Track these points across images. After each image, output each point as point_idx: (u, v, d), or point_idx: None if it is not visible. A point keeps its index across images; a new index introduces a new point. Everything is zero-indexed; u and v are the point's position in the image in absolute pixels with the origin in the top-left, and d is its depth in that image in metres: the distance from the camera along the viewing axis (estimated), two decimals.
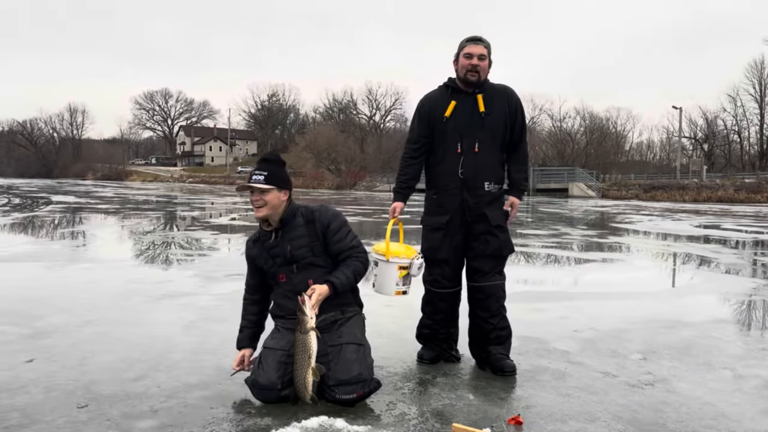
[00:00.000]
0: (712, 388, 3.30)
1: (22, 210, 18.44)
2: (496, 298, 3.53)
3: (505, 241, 3.57)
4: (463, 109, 3.48)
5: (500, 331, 3.52)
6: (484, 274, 3.51)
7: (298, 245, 3.10)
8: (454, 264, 3.57)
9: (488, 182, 3.50)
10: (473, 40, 3.48)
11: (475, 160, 3.47)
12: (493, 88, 3.55)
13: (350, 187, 52.64)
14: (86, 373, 3.35)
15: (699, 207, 28.08)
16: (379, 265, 3.49)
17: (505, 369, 3.44)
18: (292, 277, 3.12)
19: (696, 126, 68.51)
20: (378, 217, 17.61)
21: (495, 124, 3.49)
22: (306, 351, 2.86)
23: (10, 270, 7.08)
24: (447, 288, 3.59)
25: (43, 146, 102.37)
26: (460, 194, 3.48)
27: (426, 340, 3.70)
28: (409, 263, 3.46)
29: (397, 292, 3.46)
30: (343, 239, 3.15)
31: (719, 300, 6.09)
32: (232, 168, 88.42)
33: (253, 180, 3.07)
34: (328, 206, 3.25)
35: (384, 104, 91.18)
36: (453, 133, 3.49)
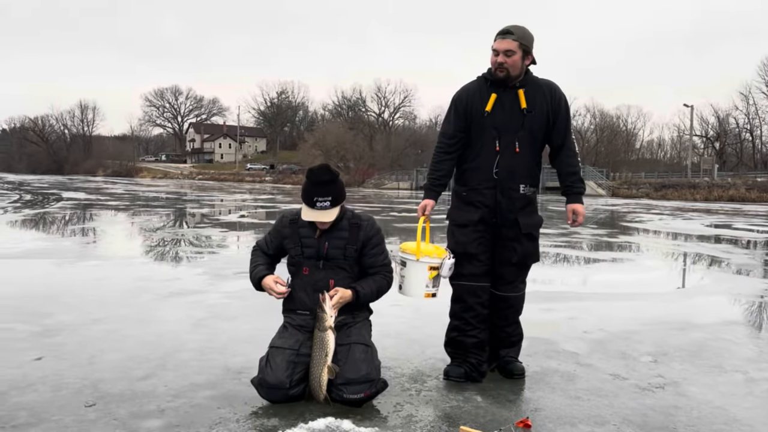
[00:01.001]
0: (723, 392, 3.26)
1: (33, 206, 18.57)
2: (516, 310, 3.44)
3: (532, 250, 3.39)
4: (503, 104, 3.24)
5: (513, 338, 3.47)
6: (507, 282, 3.38)
7: (335, 245, 3.11)
8: (485, 260, 3.35)
9: (524, 185, 3.28)
10: (501, 34, 3.21)
11: (514, 160, 3.24)
12: (536, 83, 3.30)
13: (359, 184, 52.64)
14: (94, 372, 3.35)
15: (710, 206, 27.86)
16: (408, 266, 3.30)
17: (514, 372, 3.38)
18: (316, 273, 3.12)
19: (707, 124, 68.04)
20: (386, 215, 17.60)
21: (536, 123, 3.26)
22: (323, 348, 2.88)
23: (21, 267, 7.13)
24: (477, 281, 3.36)
25: (54, 143, 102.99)
26: (494, 196, 3.27)
27: (455, 347, 3.44)
28: (440, 263, 3.29)
29: (426, 295, 3.29)
30: (378, 255, 3.19)
31: (730, 301, 6.03)
32: (241, 165, 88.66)
33: (318, 207, 2.99)
34: (375, 221, 3.29)
35: (393, 102, 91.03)
36: (491, 130, 3.24)
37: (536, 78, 3.34)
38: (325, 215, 3.02)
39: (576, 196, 3.38)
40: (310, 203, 3.02)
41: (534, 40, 3.25)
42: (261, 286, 3.15)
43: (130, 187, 39.58)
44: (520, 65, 3.21)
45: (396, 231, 12.84)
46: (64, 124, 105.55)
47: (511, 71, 3.19)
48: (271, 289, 3.09)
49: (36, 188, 33.87)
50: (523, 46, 3.18)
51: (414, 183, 51.07)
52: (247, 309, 4.88)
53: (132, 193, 31.20)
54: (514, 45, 3.16)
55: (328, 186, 3.02)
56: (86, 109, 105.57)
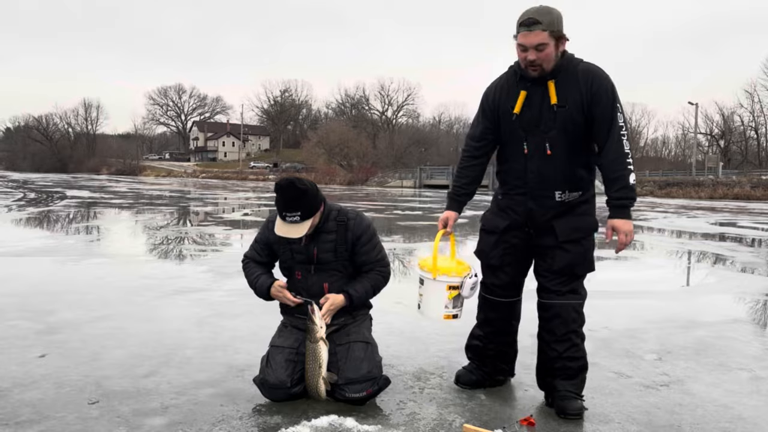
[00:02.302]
0: (728, 390, 3.24)
1: (37, 204, 18.61)
2: (563, 321, 2.88)
3: (579, 256, 2.88)
4: (531, 100, 2.82)
5: (568, 362, 2.88)
6: (551, 291, 2.91)
7: (325, 249, 3.02)
8: (510, 273, 3.03)
9: (560, 191, 2.86)
10: (526, 25, 2.70)
11: (545, 165, 2.83)
12: (570, 71, 2.78)
13: (362, 182, 52.61)
14: (98, 369, 3.35)
15: (715, 204, 27.76)
16: (425, 284, 3.04)
17: (567, 411, 2.80)
18: (308, 277, 3.06)
19: (712, 122, 67.93)
20: (390, 213, 17.58)
21: (570, 119, 2.78)
22: (316, 360, 2.85)
23: (25, 264, 7.14)
24: (499, 296, 3.07)
25: (58, 141, 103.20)
26: (525, 203, 2.92)
27: (473, 354, 3.20)
28: (460, 282, 2.97)
29: (446, 316, 3.00)
30: (370, 252, 3.08)
31: (735, 299, 6.00)
32: (244, 163, 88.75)
33: (288, 221, 2.88)
34: (363, 216, 3.14)
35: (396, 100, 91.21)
36: (518, 131, 2.87)
37: (573, 62, 2.81)
38: (295, 230, 2.88)
39: (616, 210, 2.83)
40: (281, 216, 2.91)
41: (563, 19, 2.76)
42: (270, 296, 3.07)
43: (133, 186, 39.65)
44: (555, 56, 2.75)
45: (399, 229, 12.82)
46: (68, 122, 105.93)
47: (546, 66, 2.74)
48: (285, 297, 3.01)
49: (40, 186, 33.96)
50: (554, 34, 2.70)
51: (417, 181, 51.03)
52: (249, 307, 4.87)
53: (136, 191, 31.25)
54: (544, 36, 2.68)
55: (296, 201, 2.86)
56: (90, 107, 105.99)
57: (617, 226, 2.83)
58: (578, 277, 2.94)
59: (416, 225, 14.00)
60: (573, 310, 2.90)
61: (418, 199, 29.11)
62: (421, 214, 17.34)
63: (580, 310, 2.94)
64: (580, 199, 2.92)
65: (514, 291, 3.10)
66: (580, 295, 2.94)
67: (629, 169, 2.78)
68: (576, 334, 2.91)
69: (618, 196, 2.80)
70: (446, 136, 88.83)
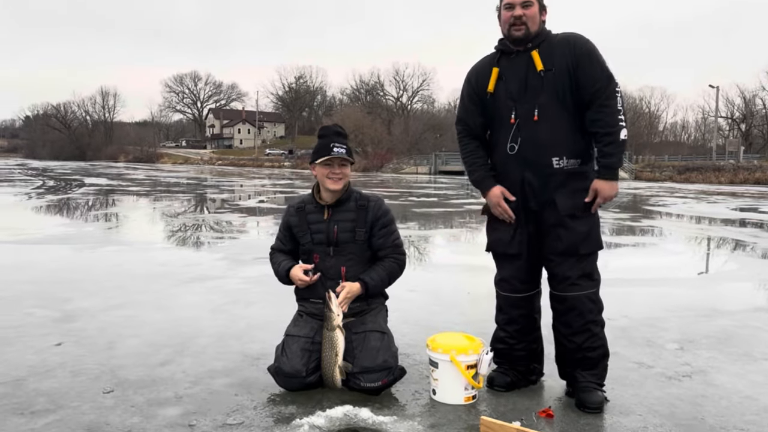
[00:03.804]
0: (753, 381, 3.16)
1: (56, 192, 18.81)
2: (579, 313, 2.80)
3: (583, 234, 2.78)
4: (514, 70, 2.81)
5: (587, 352, 2.82)
6: (562, 279, 2.81)
7: (344, 228, 3.05)
8: (528, 260, 2.91)
9: (558, 157, 2.75)
10: None
11: (537, 131, 2.75)
12: (554, 39, 2.82)
13: (377, 169, 52.53)
14: (113, 358, 3.36)
15: (735, 189, 27.33)
16: (440, 367, 2.81)
17: (587, 404, 2.72)
18: (326, 259, 3.06)
19: (733, 105, 66.65)
20: (405, 199, 17.52)
21: (559, 83, 2.74)
22: (333, 348, 2.84)
23: (43, 252, 7.19)
24: (520, 291, 2.95)
25: (76, 129, 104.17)
26: (520, 174, 2.81)
27: (501, 357, 3.03)
28: (477, 360, 2.81)
29: (467, 399, 2.79)
30: (388, 236, 3.10)
31: (758, 287, 5.88)
32: (260, 150, 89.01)
33: (335, 153, 3.00)
34: (383, 201, 3.18)
35: (411, 85, 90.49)
36: (506, 101, 2.82)
37: (552, 34, 2.86)
38: (338, 161, 3.01)
39: (603, 169, 2.75)
40: (327, 150, 3.00)
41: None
42: (289, 279, 3.09)
43: (151, 173, 39.95)
44: (538, 20, 2.80)
45: (415, 216, 12.76)
46: (86, 110, 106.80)
47: (530, 26, 2.77)
48: (298, 278, 3.02)
49: (59, 174, 34.33)
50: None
51: (433, 167, 50.83)
52: (265, 295, 4.86)
53: (153, 178, 31.48)
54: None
55: (345, 138, 3.11)
56: (107, 95, 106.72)
57: (600, 189, 2.74)
58: (586, 258, 2.81)
59: (431, 212, 13.93)
60: (588, 300, 2.81)
61: (434, 185, 28.99)
62: (436, 201, 17.24)
63: (596, 298, 2.84)
64: (581, 169, 2.80)
65: (533, 282, 2.99)
66: (593, 280, 2.84)
67: (621, 125, 2.72)
68: (594, 323, 2.82)
69: (606, 152, 2.73)
70: None
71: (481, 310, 4.25)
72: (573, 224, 2.78)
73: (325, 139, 3.08)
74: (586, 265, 2.82)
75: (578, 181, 2.78)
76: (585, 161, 2.82)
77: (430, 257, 7.73)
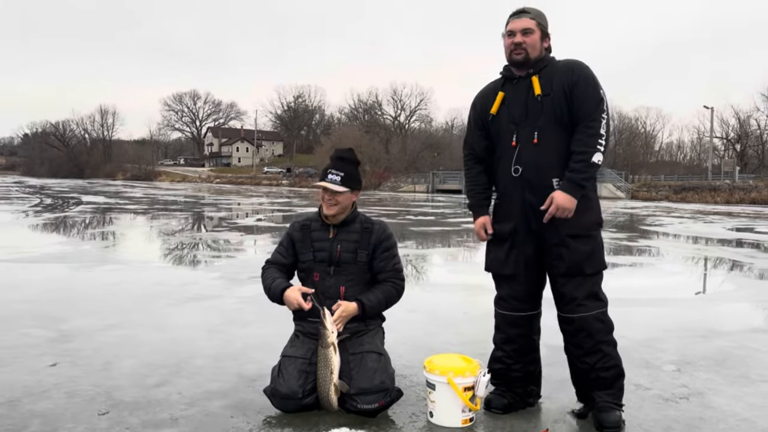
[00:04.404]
0: (750, 403, 3.15)
1: (53, 210, 18.79)
2: (588, 334, 2.82)
3: (586, 253, 2.81)
4: (517, 95, 2.90)
5: (601, 372, 2.83)
6: (569, 300, 2.84)
7: (347, 248, 3.09)
8: (526, 281, 2.94)
9: (557, 178, 2.80)
10: (516, 14, 2.93)
11: (537, 153, 2.82)
12: (557, 65, 2.91)
13: (375, 187, 52.63)
14: (109, 378, 3.34)
15: (731, 209, 27.41)
16: (438, 389, 2.80)
17: (605, 423, 2.75)
18: (326, 278, 3.08)
19: (728, 126, 67.15)
20: (402, 218, 17.53)
21: (558, 106, 2.82)
22: (327, 366, 2.83)
23: (39, 271, 7.17)
24: (518, 311, 2.97)
25: (74, 147, 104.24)
26: (522, 195, 2.88)
27: (498, 377, 3.04)
28: (474, 382, 2.80)
29: (464, 421, 2.79)
30: (389, 260, 3.14)
31: (755, 307, 5.89)
32: (258, 168, 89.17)
33: (328, 180, 3.06)
34: (387, 226, 3.25)
35: (409, 104, 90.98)
36: (508, 125, 2.91)
37: (555, 60, 2.95)
38: (332, 186, 3.03)
39: (566, 183, 2.76)
40: (323, 175, 3.09)
41: (548, 25, 2.98)
42: (282, 299, 3.04)
43: (148, 191, 39.95)
44: (539, 46, 2.89)
45: (412, 235, 12.77)
46: (85, 128, 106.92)
47: (530, 52, 2.87)
48: (296, 301, 2.95)
49: (56, 192, 34.31)
50: (540, 26, 2.91)
51: (430, 186, 50.97)
52: (262, 315, 4.85)
53: (151, 196, 31.48)
54: (532, 23, 2.88)
55: (344, 163, 3.12)
56: (106, 113, 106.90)
57: (557, 200, 2.75)
58: (591, 278, 2.84)
59: (429, 230, 13.94)
60: (596, 320, 2.83)
61: (431, 204, 29.03)
62: (434, 219, 17.27)
63: (604, 318, 2.86)
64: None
65: (533, 303, 3.00)
66: (600, 300, 2.86)
67: (597, 148, 2.76)
68: (605, 343, 2.85)
69: (574, 168, 2.76)
70: (459, 141, 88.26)
71: (478, 331, 4.24)
72: (574, 244, 2.81)
73: (329, 162, 3.16)
74: (592, 285, 2.85)
75: (579, 201, 2.79)
76: None
77: (427, 276, 7.72)
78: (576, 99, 2.81)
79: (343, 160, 3.14)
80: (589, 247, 2.83)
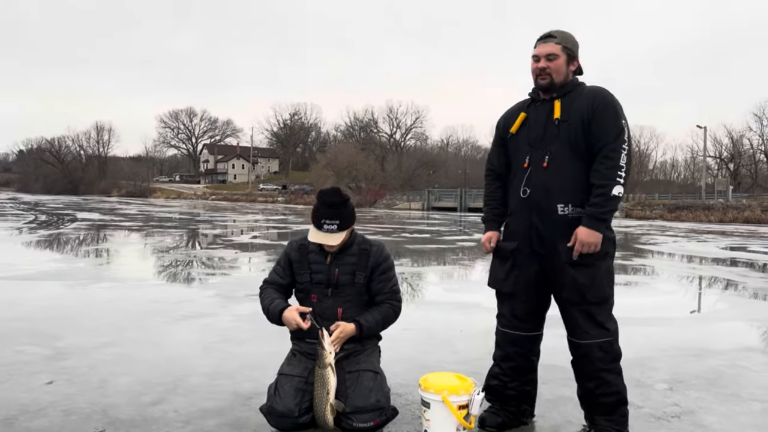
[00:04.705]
0: (741, 422, 3.19)
1: (48, 227, 18.75)
2: (589, 360, 2.85)
3: (587, 282, 2.80)
4: (537, 118, 2.94)
5: (602, 398, 2.86)
6: (574, 326, 2.88)
7: (345, 271, 3.10)
8: (526, 301, 2.97)
9: (563, 204, 2.82)
10: (542, 38, 2.94)
11: (546, 177, 2.84)
12: (582, 91, 2.90)
13: (370, 204, 52.71)
14: (105, 396, 3.35)
15: (725, 228, 27.57)
16: (432, 408, 2.82)
17: None
18: (324, 300, 3.10)
19: (721, 145, 67.78)
20: (398, 236, 17.57)
21: (573, 133, 2.82)
22: (324, 386, 2.85)
23: (34, 288, 7.17)
24: (518, 329, 3.00)
25: (70, 163, 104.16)
26: (528, 217, 2.91)
27: (494, 395, 3.08)
28: (469, 400, 2.83)
29: None
30: (387, 282, 3.16)
31: (747, 326, 5.93)
32: (254, 185, 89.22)
33: (325, 230, 3.01)
34: (384, 247, 3.26)
35: (404, 122, 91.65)
36: (524, 146, 2.95)
37: (581, 85, 2.95)
38: (331, 238, 3.01)
39: (587, 218, 2.75)
40: (318, 225, 3.03)
41: (578, 46, 2.98)
42: (281, 320, 3.05)
43: (143, 208, 39.90)
44: (565, 71, 2.90)
45: (407, 253, 12.81)
46: (80, 145, 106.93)
47: (555, 77, 2.88)
48: (295, 321, 2.96)
49: (51, 209, 34.24)
50: (567, 50, 2.90)
51: (425, 204, 51.07)
52: (258, 333, 4.86)
53: (145, 213, 31.44)
54: (557, 48, 2.89)
55: (337, 208, 3.03)
56: (102, 130, 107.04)
57: (580, 236, 2.75)
58: (595, 306, 2.83)
59: (424, 248, 13.98)
60: (599, 348, 2.83)
61: (426, 221, 29.08)
62: (429, 237, 17.31)
63: (609, 348, 2.85)
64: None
65: (534, 324, 3.01)
66: (605, 329, 2.84)
67: (617, 181, 2.75)
68: (606, 371, 2.84)
69: (594, 202, 2.76)
70: (454, 159, 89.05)
71: (473, 349, 4.27)
72: (574, 272, 2.80)
73: (317, 207, 3.07)
74: (596, 313, 2.84)
75: None
76: None
77: (422, 294, 7.75)
78: (595, 129, 2.79)
79: (334, 206, 3.05)
80: (590, 277, 2.80)
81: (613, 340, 2.87)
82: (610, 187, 2.73)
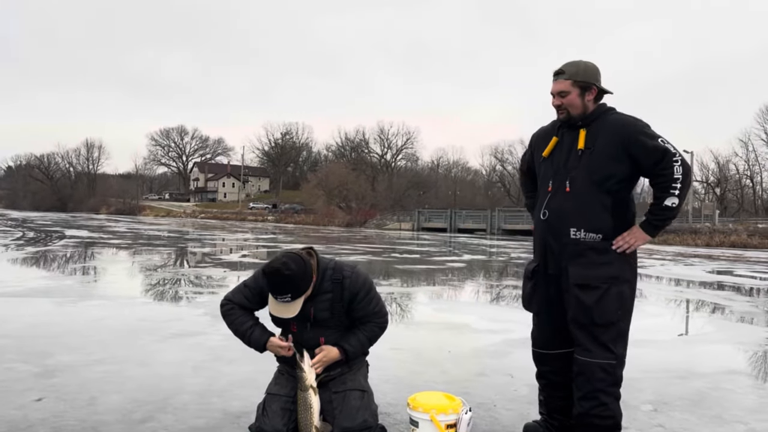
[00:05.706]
0: None
1: (35, 244, 18.62)
2: (587, 379, 2.86)
3: (591, 303, 2.85)
4: (564, 145, 3.03)
5: (595, 420, 2.87)
6: (578, 344, 2.93)
7: (321, 308, 3.01)
8: (547, 320, 3.06)
9: (576, 228, 2.90)
10: (554, 75, 3.04)
11: (564, 201, 2.95)
12: (608, 119, 2.97)
13: (360, 224, 52.76)
14: (94, 414, 3.35)
15: (712, 252, 27.83)
16: (420, 426, 2.89)
17: None
18: (304, 332, 3.05)
19: (708, 170, 68.69)
20: (388, 255, 17.60)
21: (595, 161, 2.90)
22: (307, 409, 2.85)
23: (22, 306, 7.13)
24: (543, 348, 3.11)
25: (58, 180, 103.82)
26: (545, 239, 3.03)
27: (540, 406, 3.22)
28: (456, 420, 2.87)
29: None
30: (368, 306, 3.05)
31: (732, 349, 6.01)
32: (244, 204, 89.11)
33: (279, 300, 2.91)
34: (359, 272, 3.09)
35: (395, 143, 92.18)
36: (549, 170, 3.06)
37: (607, 113, 3.01)
38: (287, 310, 2.89)
39: (643, 222, 2.92)
40: (273, 296, 2.92)
41: (597, 72, 3.03)
42: (264, 348, 3.03)
43: (132, 226, 39.70)
44: (580, 103, 2.98)
45: (397, 273, 12.84)
46: (70, 162, 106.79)
47: (572, 111, 2.99)
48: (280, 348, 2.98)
49: (39, 226, 34.00)
50: (578, 83, 2.97)
51: (415, 224, 51.17)
52: (247, 351, 4.80)
53: (134, 231, 31.29)
54: (566, 84, 2.97)
55: (284, 285, 2.86)
56: (92, 147, 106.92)
57: (630, 230, 2.92)
58: (602, 328, 2.85)
59: (414, 269, 14.02)
60: (600, 369, 2.84)
61: (416, 241, 29.14)
62: (419, 258, 17.35)
63: (611, 370, 2.86)
64: (600, 245, 2.90)
65: (559, 342, 3.05)
66: (611, 352, 2.86)
67: (670, 193, 2.84)
68: (605, 393, 2.85)
69: (649, 210, 2.92)
70: (444, 180, 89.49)
71: (462, 370, 4.30)
72: (582, 294, 2.87)
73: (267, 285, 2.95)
74: (602, 334, 2.87)
75: (595, 255, 2.89)
76: (607, 237, 2.91)
77: (412, 315, 7.78)
78: (639, 155, 2.87)
79: (279, 284, 2.86)
80: (596, 299, 2.85)
81: (616, 364, 2.88)
82: (663, 198, 2.86)
